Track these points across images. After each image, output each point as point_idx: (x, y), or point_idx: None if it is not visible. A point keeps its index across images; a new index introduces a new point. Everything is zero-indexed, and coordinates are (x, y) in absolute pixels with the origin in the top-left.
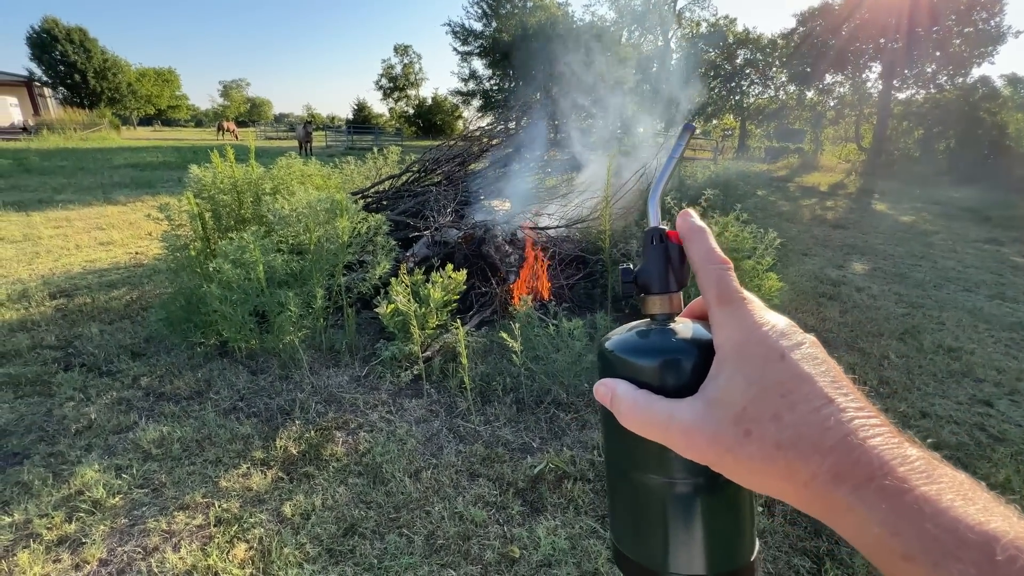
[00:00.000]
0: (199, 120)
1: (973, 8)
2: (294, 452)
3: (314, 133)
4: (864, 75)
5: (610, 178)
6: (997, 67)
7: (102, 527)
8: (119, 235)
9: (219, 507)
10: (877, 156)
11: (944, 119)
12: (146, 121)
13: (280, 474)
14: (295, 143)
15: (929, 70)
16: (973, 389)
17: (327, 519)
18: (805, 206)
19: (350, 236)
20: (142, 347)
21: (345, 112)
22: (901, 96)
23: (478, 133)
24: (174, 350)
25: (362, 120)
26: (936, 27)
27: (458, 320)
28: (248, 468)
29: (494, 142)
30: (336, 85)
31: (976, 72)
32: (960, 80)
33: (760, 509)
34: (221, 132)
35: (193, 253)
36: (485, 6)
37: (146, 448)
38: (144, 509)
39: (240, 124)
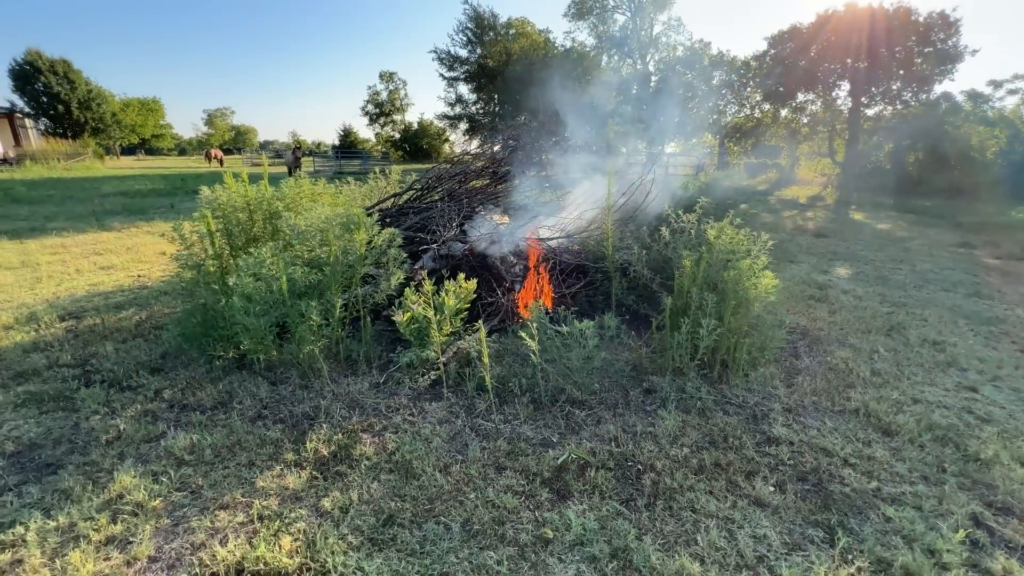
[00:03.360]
0: (183, 148)
1: (931, 30)
2: (325, 453)
3: (302, 159)
4: (834, 93)
5: (611, 189)
6: (957, 83)
7: (147, 527)
8: (118, 260)
9: (259, 505)
10: (851, 169)
11: (912, 133)
12: (129, 150)
13: (314, 473)
14: (282, 169)
15: (895, 87)
16: (959, 377)
17: (365, 512)
18: (787, 217)
19: (367, 249)
20: (159, 363)
21: (331, 138)
22: (870, 112)
23: (477, 152)
24: (192, 364)
25: (348, 145)
26: (898, 47)
27: (480, 322)
28: (282, 469)
29: (493, 164)
30: (321, 111)
31: (938, 88)
32: (924, 96)
33: (771, 488)
34: (209, 160)
35: (212, 269)
36: (470, 33)
37: (178, 455)
38: (185, 510)
39: (225, 152)
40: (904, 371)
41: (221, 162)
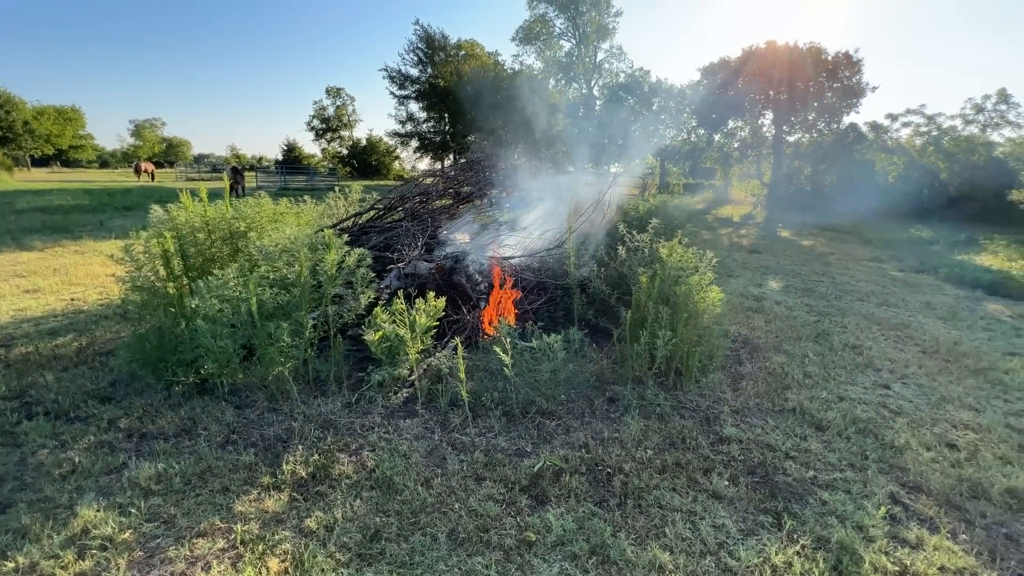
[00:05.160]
0: (104, 161)
1: (838, 67)
2: (303, 474)
3: (245, 174)
4: (760, 121)
5: (572, 210)
6: (862, 115)
7: (120, 561)
8: (45, 282)
9: (240, 529)
10: (777, 190)
11: (826, 158)
12: (41, 162)
13: (294, 495)
14: (221, 184)
15: (810, 117)
16: (874, 377)
17: (350, 529)
18: (723, 234)
19: (337, 269)
20: (108, 391)
21: (273, 152)
22: (791, 139)
23: (440, 173)
24: (146, 391)
25: (293, 160)
26: (812, 82)
27: (458, 340)
28: (259, 493)
29: (455, 184)
30: (262, 125)
31: (847, 119)
32: (835, 126)
33: (726, 482)
34: (139, 174)
35: (172, 291)
36: (421, 53)
37: (144, 485)
38: (159, 540)
39: (156, 165)
40: (831, 373)
41: (152, 176)
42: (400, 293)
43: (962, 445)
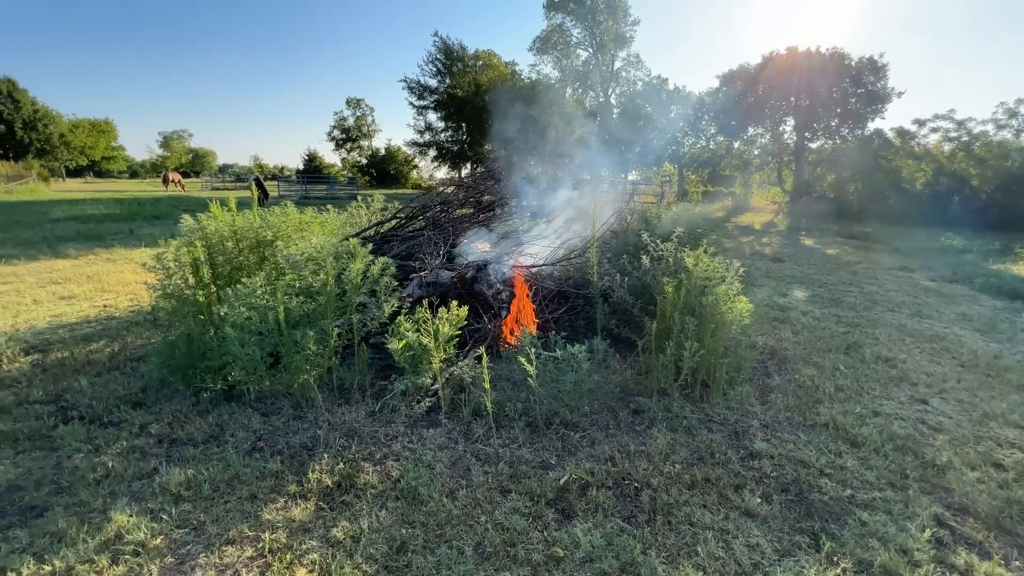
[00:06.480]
0: (135, 171)
1: (862, 72)
2: (329, 483)
3: (266, 183)
4: (781, 128)
5: (595, 218)
6: (887, 121)
7: (152, 567)
8: (80, 289)
9: (268, 538)
10: (799, 198)
11: (850, 165)
12: (76, 173)
13: (320, 504)
14: (246, 193)
15: (833, 124)
16: (910, 391)
17: (377, 540)
18: (745, 243)
19: (362, 277)
20: (140, 397)
21: (295, 162)
22: (813, 146)
23: (461, 183)
24: (176, 398)
25: (314, 170)
26: (834, 88)
27: (482, 349)
28: (286, 501)
29: (476, 193)
30: (284, 135)
31: (871, 125)
32: (859, 132)
33: (759, 500)
34: (167, 184)
35: (201, 299)
36: (439, 64)
37: (175, 491)
38: (189, 547)
39: (183, 175)
40: (864, 386)
41: (181, 185)
42: (424, 302)
43: (1009, 465)
